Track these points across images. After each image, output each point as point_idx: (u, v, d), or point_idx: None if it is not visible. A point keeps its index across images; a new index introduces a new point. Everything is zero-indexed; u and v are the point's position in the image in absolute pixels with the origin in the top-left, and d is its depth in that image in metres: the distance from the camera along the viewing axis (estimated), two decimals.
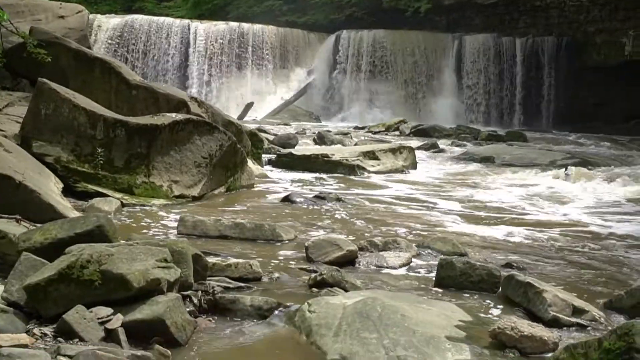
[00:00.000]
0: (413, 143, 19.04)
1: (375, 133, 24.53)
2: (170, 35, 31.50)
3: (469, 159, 17.41)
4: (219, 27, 32.14)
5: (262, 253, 6.51)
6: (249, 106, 28.67)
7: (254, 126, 17.73)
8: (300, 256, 6.47)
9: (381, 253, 6.59)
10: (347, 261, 6.33)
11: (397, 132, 24.91)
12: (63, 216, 6.56)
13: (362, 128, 26.27)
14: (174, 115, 9.59)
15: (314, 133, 20.28)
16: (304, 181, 12.16)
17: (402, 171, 14.13)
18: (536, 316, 4.96)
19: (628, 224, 9.33)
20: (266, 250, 6.70)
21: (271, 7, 37.07)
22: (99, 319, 4.16)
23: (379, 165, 13.90)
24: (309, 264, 6.20)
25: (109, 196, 8.52)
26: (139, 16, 32.82)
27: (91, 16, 23.96)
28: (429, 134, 23.89)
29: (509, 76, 31.86)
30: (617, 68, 27.88)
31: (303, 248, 6.54)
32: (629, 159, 18.43)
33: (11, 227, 5.71)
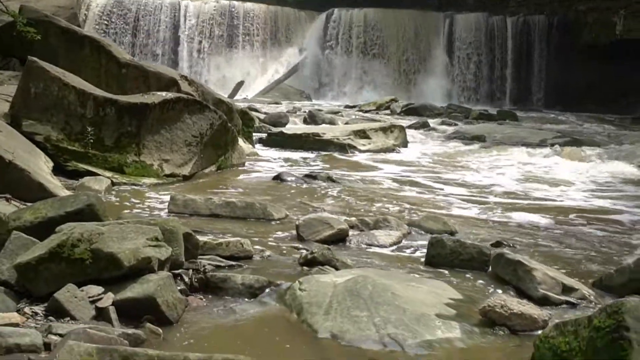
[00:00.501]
0: (404, 122, 19.05)
1: (366, 112, 24.50)
2: (160, 14, 31.31)
3: (459, 137, 17.42)
4: (209, 5, 31.97)
5: (253, 232, 6.52)
6: (239, 85, 28.59)
7: (244, 105, 17.72)
8: (291, 235, 6.48)
9: (372, 231, 6.60)
10: (338, 239, 6.34)
11: (388, 111, 24.89)
12: (53, 195, 6.54)
13: (353, 107, 26.24)
14: (164, 93, 9.56)
15: (304, 112, 20.24)
16: (295, 160, 12.16)
17: (393, 150, 14.13)
18: (526, 294, 4.98)
19: (617, 203, 9.36)
20: (257, 228, 6.70)
21: None
22: (89, 297, 4.16)
23: (369, 144, 13.89)
24: (299, 243, 6.21)
25: (99, 175, 8.49)
26: None
27: None
28: (419, 112, 23.88)
29: (500, 55, 31.85)
30: (608, 47, 27.89)
31: (294, 227, 6.54)
32: (619, 138, 18.46)
33: (1, 206, 5.71)
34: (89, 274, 4.29)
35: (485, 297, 4.68)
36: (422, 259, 5.87)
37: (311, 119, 18.52)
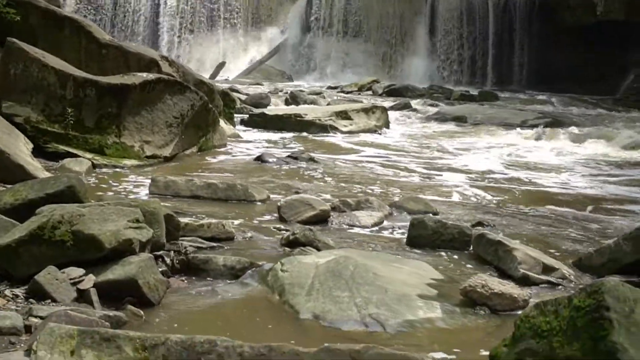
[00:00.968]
0: (386, 103, 19.04)
1: (348, 93, 24.47)
2: None
3: (441, 118, 17.43)
4: None
5: (235, 213, 6.51)
6: (220, 66, 28.46)
7: (226, 86, 17.64)
8: (273, 216, 6.48)
9: (354, 212, 6.61)
10: (320, 220, 6.35)
11: (370, 92, 24.87)
12: (33, 177, 6.51)
13: (335, 88, 26.18)
14: (144, 74, 9.49)
15: (286, 93, 20.20)
16: (277, 141, 12.13)
17: (375, 131, 14.13)
18: (506, 274, 5.01)
19: (598, 184, 9.42)
20: (239, 210, 6.69)
21: None
22: (70, 279, 4.15)
23: (351, 125, 13.89)
24: (281, 224, 6.21)
25: (79, 156, 8.44)
26: None
27: None
28: (401, 93, 23.87)
29: (482, 36, 31.81)
30: (589, 29, 27.91)
31: (276, 208, 6.54)
32: (600, 118, 18.54)
33: None
34: (69, 256, 4.28)
35: (467, 277, 4.70)
36: (404, 240, 5.89)
37: (293, 100, 18.48)
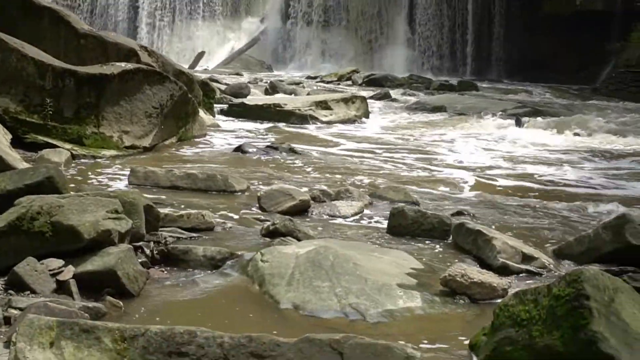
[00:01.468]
0: (365, 93, 19.06)
1: (328, 83, 24.47)
2: None
3: (420, 108, 17.46)
4: None
5: (215, 203, 6.49)
6: (200, 55, 28.38)
7: (205, 76, 17.58)
8: (253, 206, 6.47)
9: (334, 202, 6.61)
10: (300, 211, 6.35)
11: (349, 82, 24.87)
12: (12, 168, 6.45)
13: (315, 78, 26.16)
14: (123, 64, 9.44)
15: (266, 83, 20.16)
16: (257, 131, 12.11)
17: (355, 121, 14.13)
18: (486, 263, 5.03)
19: (577, 173, 9.47)
20: (218, 200, 6.68)
21: None
22: (50, 270, 4.13)
23: (331, 115, 13.88)
24: (261, 214, 6.20)
25: (58, 147, 8.40)
26: None
27: None
28: (381, 83, 23.88)
29: (461, 26, 31.90)
30: (568, 18, 28.03)
31: (256, 198, 6.53)
32: (578, 108, 18.62)
33: None
34: (49, 247, 4.26)
35: (446, 267, 4.72)
36: (384, 229, 5.90)
37: (272, 89, 18.44)
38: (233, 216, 6.09)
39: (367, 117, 14.73)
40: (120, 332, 3.04)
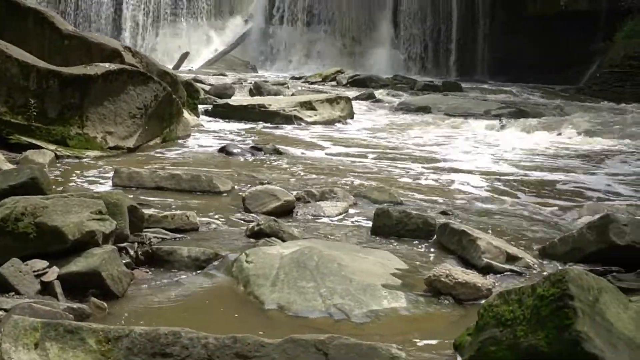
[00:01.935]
0: (350, 93, 19.06)
1: (312, 83, 24.45)
2: None
3: (405, 109, 17.49)
4: None
5: (199, 204, 6.48)
6: (184, 56, 28.32)
7: (189, 76, 17.54)
8: (238, 207, 6.46)
9: (318, 203, 6.61)
10: (285, 211, 6.34)
11: (334, 83, 24.86)
12: None
13: (299, 78, 26.14)
14: (107, 65, 9.42)
15: (250, 83, 20.12)
16: (241, 132, 12.10)
17: (339, 121, 14.14)
18: (470, 263, 5.04)
19: (562, 174, 9.51)
20: (203, 201, 6.67)
21: None
22: (34, 272, 4.12)
23: (316, 115, 13.88)
24: (246, 215, 6.20)
25: (42, 148, 8.37)
26: None
27: None
28: (365, 84, 23.88)
29: (445, 27, 31.96)
30: (553, 18, 28.13)
31: (240, 199, 6.52)
32: (563, 109, 18.70)
33: None
34: (33, 248, 4.24)
35: (431, 267, 4.73)
36: (369, 230, 5.90)
37: (257, 90, 18.42)
38: (218, 217, 6.08)
39: (352, 117, 14.74)
40: (104, 333, 3.04)
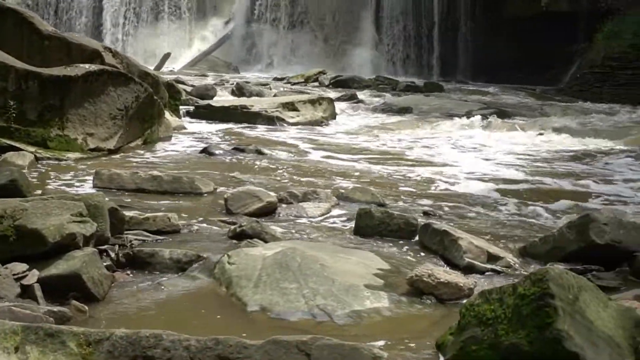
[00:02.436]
0: (332, 94, 19.07)
1: (295, 84, 24.42)
2: None
3: (387, 109, 17.49)
4: None
5: (181, 206, 6.46)
6: (166, 57, 28.21)
7: (171, 77, 17.48)
8: (220, 208, 6.45)
9: (301, 204, 6.61)
10: (267, 212, 6.34)
11: (316, 83, 24.84)
12: None
13: (282, 79, 26.10)
14: (87, 66, 9.37)
15: (232, 84, 20.08)
16: (223, 133, 12.07)
17: (322, 122, 14.13)
18: (452, 263, 5.06)
19: (542, 174, 9.54)
20: (185, 202, 6.65)
21: None
22: (14, 275, 4.09)
23: (298, 116, 13.87)
24: (228, 216, 6.18)
25: (22, 150, 8.30)
26: None
27: None
28: (348, 85, 23.88)
29: (427, 28, 32.01)
30: (534, 19, 28.22)
31: (222, 200, 6.50)
32: (544, 109, 18.78)
33: None
34: (13, 251, 4.21)
35: (413, 267, 4.74)
36: (351, 230, 5.91)
37: (239, 91, 18.39)
38: (200, 218, 6.06)
39: (334, 118, 14.74)
40: (85, 337, 3.02)
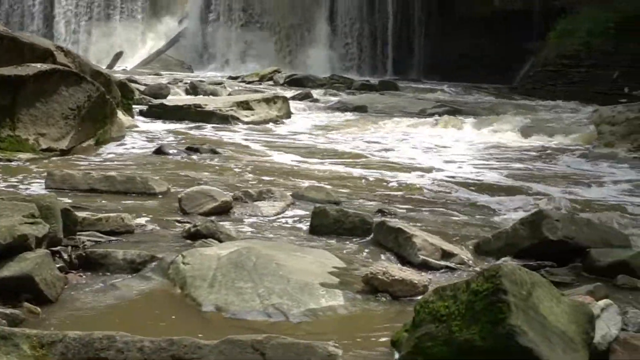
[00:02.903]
0: (287, 93, 19.06)
1: (249, 83, 24.39)
2: None
3: (342, 108, 17.56)
4: None
5: (135, 206, 6.41)
6: (118, 56, 28.02)
7: (123, 76, 17.33)
8: (174, 208, 6.40)
9: (256, 203, 6.59)
10: (222, 212, 6.31)
11: (271, 82, 24.85)
12: None
13: (236, 78, 26.05)
14: (39, 65, 9.25)
15: (186, 83, 19.98)
16: (177, 132, 12.01)
17: (277, 121, 14.14)
18: (407, 260, 5.08)
19: (496, 172, 9.64)
20: (138, 203, 6.59)
21: None
22: None
23: (253, 115, 13.85)
24: (183, 216, 6.14)
25: None
26: None
27: None
28: (303, 83, 23.92)
29: (382, 26, 32.17)
30: (488, 18, 28.48)
31: (176, 200, 6.46)
32: (497, 107, 18.97)
33: None
34: None
35: (368, 265, 4.76)
36: (307, 229, 5.91)
37: (193, 90, 18.31)
38: (153, 218, 6.01)
39: (289, 117, 14.76)
40: (38, 339, 2.99)
